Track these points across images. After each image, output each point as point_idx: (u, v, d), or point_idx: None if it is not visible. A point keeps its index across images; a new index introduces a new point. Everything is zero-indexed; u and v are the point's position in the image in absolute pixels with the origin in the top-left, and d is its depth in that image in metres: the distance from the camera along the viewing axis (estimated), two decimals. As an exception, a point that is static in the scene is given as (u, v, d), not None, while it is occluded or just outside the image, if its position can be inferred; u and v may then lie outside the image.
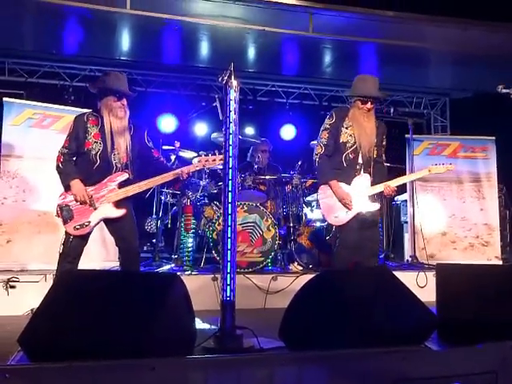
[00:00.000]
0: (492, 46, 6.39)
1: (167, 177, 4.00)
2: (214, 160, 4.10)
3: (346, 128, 4.35)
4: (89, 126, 3.93)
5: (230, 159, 3.08)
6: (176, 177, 4.00)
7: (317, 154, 4.42)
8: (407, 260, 6.64)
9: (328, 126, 4.43)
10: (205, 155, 4.18)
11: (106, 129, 3.92)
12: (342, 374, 2.31)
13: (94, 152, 3.88)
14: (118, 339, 2.31)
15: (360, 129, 4.31)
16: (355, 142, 4.31)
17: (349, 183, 4.34)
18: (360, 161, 4.34)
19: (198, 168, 4.17)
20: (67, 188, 3.86)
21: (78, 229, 3.80)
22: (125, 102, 3.97)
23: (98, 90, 4.05)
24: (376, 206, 4.34)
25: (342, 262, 4.34)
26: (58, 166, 3.90)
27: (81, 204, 3.82)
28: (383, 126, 4.53)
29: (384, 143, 4.51)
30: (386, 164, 4.61)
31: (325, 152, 4.37)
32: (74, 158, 3.93)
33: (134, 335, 2.33)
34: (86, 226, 3.82)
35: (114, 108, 3.93)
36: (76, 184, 3.82)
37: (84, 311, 2.45)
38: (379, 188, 4.34)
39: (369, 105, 4.32)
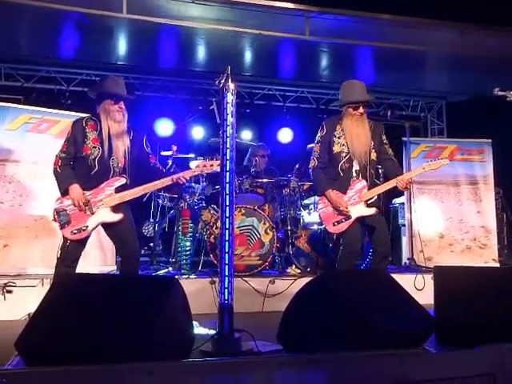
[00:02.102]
0: (489, 50, 6.41)
1: (165, 182, 3.98)
2: (212, 165, 4.08)
3: (338, 138, 4.37)
4: (87, 130, 3.92)
5: (228, 162, 3.08)
6: (173, 182, 3.98)
7: (311, 168, 4.49)
8: (405, 263, 6.66)
9: (320, 139, 4.45)
10: (202, 160, 4.17)
11: (104, 133, 3.91)
12: (340, 378, 2.31)
13: (92, 157, 3.87)
14: (116, 343, 2.31)
15: (352, 136, 4.32)
16: (349, 151, 4.33)
17: (346, 191, 4.34)
18: (356, 168, 4.35)
19: (195, 173, 4.15)
20: (65, 192, 3.84)
21: (75, 233, 3.78)
22: (122, 105, 3.96)
23: (96, 94, 4.05)
24: (372, 210, 4.32)
25: (346, 268, 4.36)
26: (55, 170, 3.89)
27: (77, 207, 3.81)
28: (379, 126, 4.53)
29: (385, 141, 4.50)
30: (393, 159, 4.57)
31: (318, 165, 4.42)
32: (72, 163, 3.92)
33: (132, 339, 2.32)
34: (84, 230, 3.80)
35: (112, 111, 3.93)
36: (74, 188, 3.80)
37: (81, 315, 2.45)
38: (373, 192, 4.35)
39: (361, 109, 4.33)
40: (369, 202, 4.35)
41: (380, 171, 5.38)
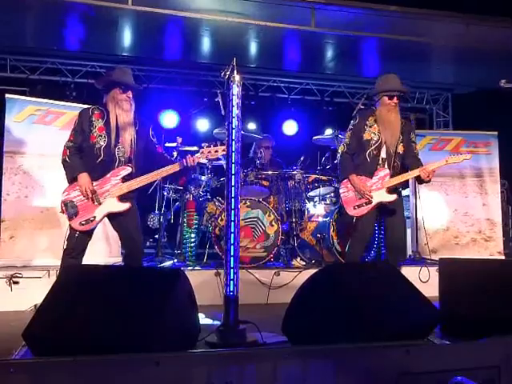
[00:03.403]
0: (495, 42, 6.37)
1: (171, 168, 3.97)
2: (217, 151, 4.07)
3: (370, 127, 4.48)
4: (94, 119, 3.93)
5: (233, 154, 3.08)
6: (180, 168, 3.97)
7: (339, 152, 4.62)
8: (410, 255, 6.65)
9: (351, 127, 4.58)
10: (207, 146, 4.15)
11: (111, 122, 3.91)
12: (345, 369, 2.31)
13: (98, 146, 3.87)
14: (122, 334, 2.32)
15: (385, 124, 4.44)
16: (379, 139, 4.44)
17: (370, 177, 4.44)
18: (383, 155, 4.45)
19: (200, 159, 4.13)
20: (73, 181, 3.86)
21: (83, 224, 3.79)
22: (130, 94, 3.97)
23: (104, 83, 4.05)
24: (393, 197, 4.40)
25: (355, 252, 4.49)
26: (64, 160, 3.89)
27: (85, 198, 3.82)
28: (409, 125, 4.67)
29: (414, 140, 4.61)
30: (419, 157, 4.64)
31: (346, 150, 4.54)
32: (80, 152, 3.92)
33: (138, 330, 2.33)
34: (92, 221, 3.81)
35: (120, 100, 3.94)
36: (83, 177, 3.81)
37: (88, 306, 2.46)
38: (395, 180, 4.40)
39: (395, 100, 4.45)
40: (389, 189, 4.44)
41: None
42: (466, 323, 2.95)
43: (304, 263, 5.54)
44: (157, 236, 6.29)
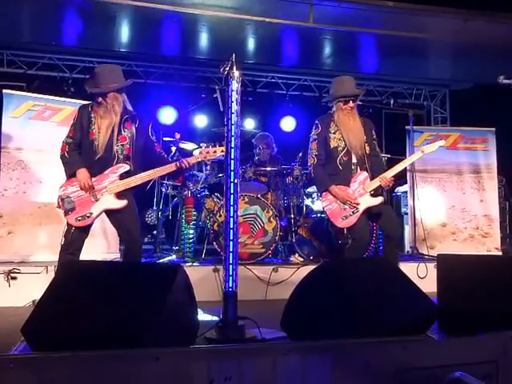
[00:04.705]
0: (493, 37, 6.37)
1: (168, 168, 3.98)
2: (215, 152, 4.08)
3: (334, 133, 4.43)
4: (93, 115, 3.93)
5: (233, 150, 3.08)
6: (177, 168, 3.98)
7: (310, 166, 4.52)
8: (408, 251, 6.67)
9: (316, 137, 4.50)
10: (205, 147, 4.16)
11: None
12: (344, 364, 2.32)
13: (96, 142, 3.88)
14: (121, 330, 2.32)
15: (347, 129, 4.39)
16: (346, 144, 4.38)
17: (347, 185, 4.36)
18: (354, 160, 4.40)
19: (198, 159, 4.15)
20: (71, 176, 3.85)
21: (79, 220, 3.80)
22: (100, 99, 3.89)
23: None
24: (379, 200, 4.34)
25: None
26: (63, 156, 3.90)
27: (82, 193, 3.81)
28: (369, 122, 4.61)
29: (375, 137, 4.58)
30: (383, 155, 4.65)
31: (317, 162, 4.45)
32: (79, 148, 3.91)
33: (137, 326, 2.33)
34: (88, 217, 3.81)
35: (98, 107, 3.93)
36: (82, 172, 3.82)
37: (86, 302, 2.46)
38: (377, 182, 4.37)
39: (351, 103, 4.41)
40: (372, 192, 4.38)
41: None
42: (464, 319, 2.96)
43: (302, 259, 5.54)
44: (155, 232, 6.28)
